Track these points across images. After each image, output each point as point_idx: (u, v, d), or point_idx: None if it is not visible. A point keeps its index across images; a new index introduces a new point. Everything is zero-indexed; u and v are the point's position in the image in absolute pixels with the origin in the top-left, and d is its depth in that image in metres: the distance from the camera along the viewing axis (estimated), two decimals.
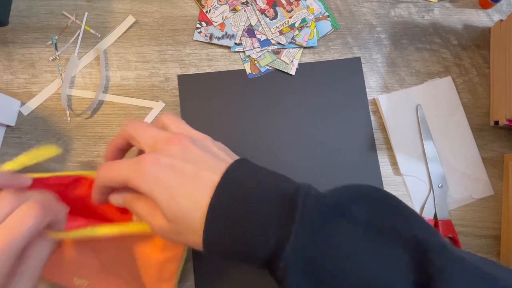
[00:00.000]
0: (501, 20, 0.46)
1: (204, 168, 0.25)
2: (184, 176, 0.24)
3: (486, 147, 0.45)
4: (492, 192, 0.44)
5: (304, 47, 0.47)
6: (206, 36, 0.47)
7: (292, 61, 0.46)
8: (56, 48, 0.46)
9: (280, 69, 0.46)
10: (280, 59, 0.46)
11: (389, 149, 0.45)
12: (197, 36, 0.47)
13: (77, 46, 0.46)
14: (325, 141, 0.45)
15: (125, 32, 0.46)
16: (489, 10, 0.49)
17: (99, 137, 0.44)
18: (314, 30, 0.47)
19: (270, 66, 0.46)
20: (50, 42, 0.46)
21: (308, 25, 0.47)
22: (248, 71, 0.46)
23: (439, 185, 0.44)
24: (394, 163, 0.45)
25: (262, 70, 0.46)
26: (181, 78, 0.46)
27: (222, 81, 0.46)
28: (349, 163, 0.44)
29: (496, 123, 0.44)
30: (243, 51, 0.46)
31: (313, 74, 0.46)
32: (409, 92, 0.46)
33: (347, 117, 0.46)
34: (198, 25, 0.47)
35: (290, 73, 0.46)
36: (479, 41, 0.48)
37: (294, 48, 0.46)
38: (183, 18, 0.47)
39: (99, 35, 0.46)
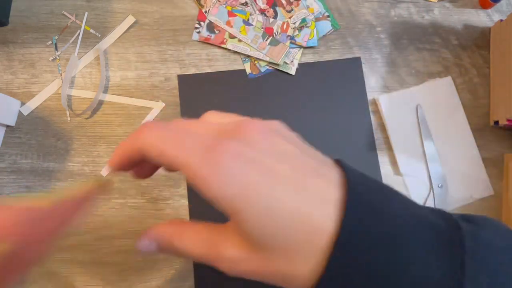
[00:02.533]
0: (501, 20, 0.46)
1: (309, 174, 0.18)
2: (280, 181, 0.17)
3: (486, 147, 0.45)
4: (492, 192, 0.44)
5: (304, 47, 0.47)
6: None
7: (292, 61, 0.46)
8: (56, 48, 0.46)
9: (280, 69, 0.46)
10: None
11: (389, 149, 0.45)
12: (195, 36, 0.47)
13: (77, 46, 0.46)
14: (325, 141, 0.45)
15: (125, 32, 0.46)
16: (489, 10, 0.49)
17: (99, 137, 0.44)
18: (314, 30, 0.47)
19: (270, 66, 0.46)
20: (50, 42, 0.46)
21: (308, 25, 0.47)
22: (248, 71, 0.46)
23: (439, 185, 0.44)
24: (394, 163, 0.45)
25: (262, 70, 0.46)
26: (181, 78, 0.46)
27: (222, 81, 0.46)
28: (349, 163, 0.44)
29: (496, 123, 0.44)
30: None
31: (313, 74, 0.46)
32: (409, 92, 0.46)
33: (347, 117, 0.46)
34: (197, 25, 0.47)
35: (290, 73, 0.46)
36: (479, 41, 0.48)
37: (294, 48, 0.46)
38: (183, 18, 0.47)
39: (99, 35, 0.46)
